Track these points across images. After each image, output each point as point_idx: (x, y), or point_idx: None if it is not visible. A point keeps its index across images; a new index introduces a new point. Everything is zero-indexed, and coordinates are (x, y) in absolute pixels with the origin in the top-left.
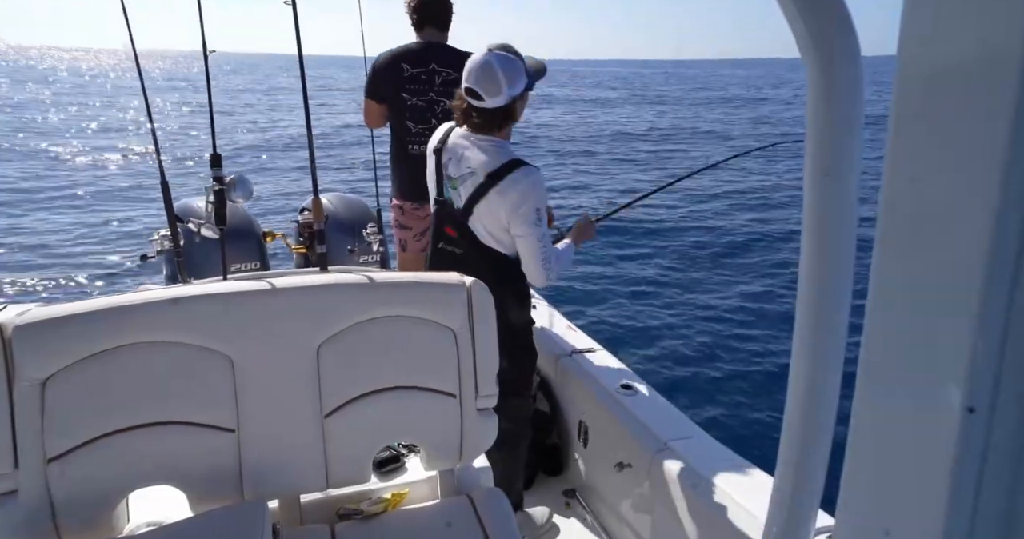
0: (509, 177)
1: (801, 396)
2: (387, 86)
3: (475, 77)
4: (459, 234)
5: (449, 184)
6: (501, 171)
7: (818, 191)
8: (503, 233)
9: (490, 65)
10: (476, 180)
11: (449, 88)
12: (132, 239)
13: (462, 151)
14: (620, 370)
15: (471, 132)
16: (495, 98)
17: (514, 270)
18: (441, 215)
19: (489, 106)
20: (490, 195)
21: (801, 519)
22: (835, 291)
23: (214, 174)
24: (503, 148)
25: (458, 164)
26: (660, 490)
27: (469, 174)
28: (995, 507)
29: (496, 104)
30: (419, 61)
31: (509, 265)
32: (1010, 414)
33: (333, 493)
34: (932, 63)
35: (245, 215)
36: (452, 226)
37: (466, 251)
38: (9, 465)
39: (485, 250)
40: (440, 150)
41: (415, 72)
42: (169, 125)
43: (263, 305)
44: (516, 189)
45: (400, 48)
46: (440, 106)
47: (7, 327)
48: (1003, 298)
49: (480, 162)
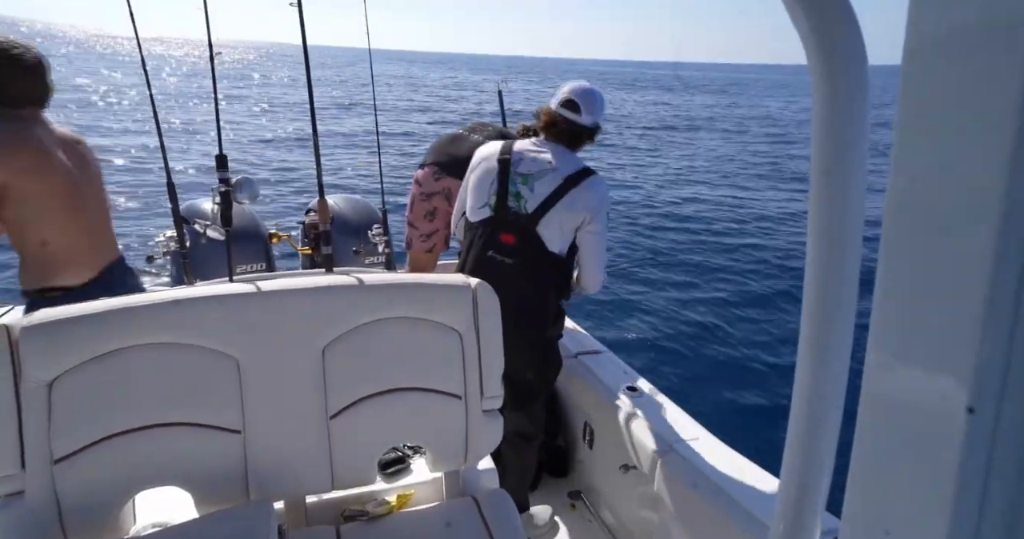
0: (590, 179)
1: (807, 397)
2: None
3: (579, 94)
4: (519, 240)
5: (520, 181)
6: (581, 174)
7: (823, 191)
8: (572, 233)
9: (594, 91)
10: (556, 179)
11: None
12: (139, 240)
13: (535, 154)
14: (625, 372)
15: (547, 141)
16: (589, 116)
17: (563, 278)
18: (497, 222)
19: (582, 122)
20: (572, 192)
21: (807, 521)
22: (840, 293)
23: (220, 176)
24: (577, 159)
25: (533, 162)
26: (665, 492)
27: (549, 170)
28: (1000, 508)
29: (587, 122)
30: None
31: (561, 270)
32: (1015, 415)
33: (338, 494)
34: (937, 63)
35: (251, 216)
36: (512, 232)
37: (520, 260)
38: (16, 466)
39: (543, 256)
40: (507, 159)
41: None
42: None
43: (269, 307)
44: (599, 190)
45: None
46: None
47: (14, 329)
48: (1008, 299)
49: (560, 161)
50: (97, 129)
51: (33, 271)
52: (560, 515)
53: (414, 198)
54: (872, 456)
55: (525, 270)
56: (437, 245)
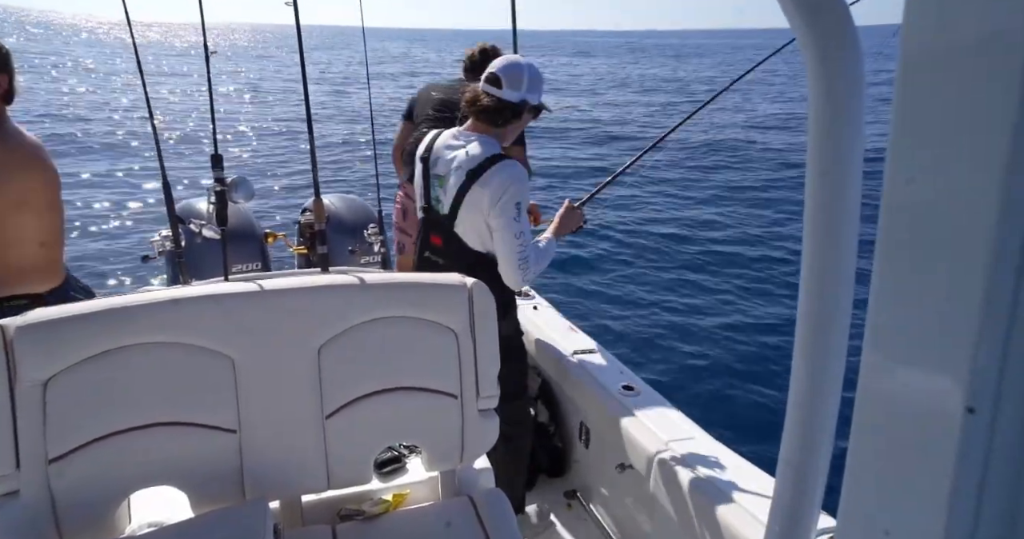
0: (490, 169)
1: (802, 397)
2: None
3: (503, 66)
4: (444, 242)
5: (436, 183)
6: (483, 165)
7: (818, 192)
8: (486, 229)
9: (521, 65)
10: (460, 177)
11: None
12: (134, 239)
13: (449, 151)
14: (621, 371)
15: (468, 129)
16: (513, 92)
17: (498, 275)
18: (428, 223)
19: (504, 97)
20: (473, 189)
21: (802, 520)
22: (837, 292)
23: (215, 175)
24: (490, 145)
25: (445, 163)
26: (661, 491)
27: (454, 171)
28: (997, 507)
29: (511, 98)
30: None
31: (494, 269)
32: (1012, 415)
33: (334, 494)
34: (934, 63)
35: (246, 216)
36: (438, 234)
37: (449, 261)
38: (11, 466)
39: (471, 256)
40: (427, 158)
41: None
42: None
43: (264, 306)
44: (496, 179)
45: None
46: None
47: (9, 328)
48: (1005, 299)
49: (465, 157)
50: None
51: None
52: (556, 514)
53: (405, 207)
54: (868, 456)
55: (457, 269)
56: None
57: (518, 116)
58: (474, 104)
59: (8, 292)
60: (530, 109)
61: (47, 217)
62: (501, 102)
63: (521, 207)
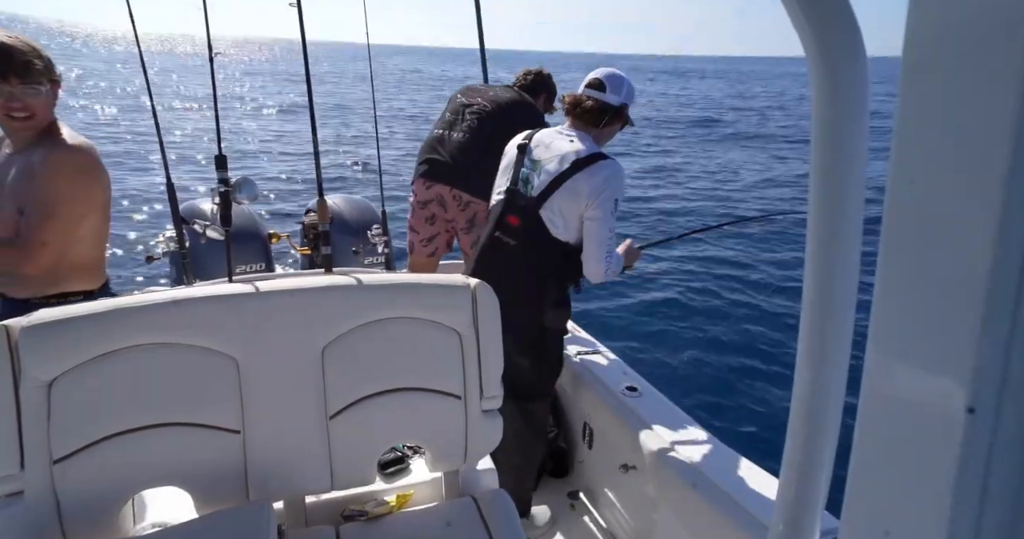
0: (596, 164)
1: (806, 397)
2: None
3: (606, 74)
4: (522, 222)
5: (530, 167)
6: (590, 158)
7: (822, 192)
8: (576, 219)
9: (621, 74)
10: (563, 164)
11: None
12: (138, 240)
13: (551, 141)
14: (625, 372)
15: (570, 127)
16: (615, 95)
17: (567, 267)
18: (507, 204)
19: (607, 100)
20: (576, 176)
21: (806, 521)
22: (840, 293)
23: (219, 176)
24: (593, 145)
25: (547, 148)
26: (664, 492)
27: (557, 157)
28: (1000, 508)
29: (613, 101)
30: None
31: (567, 258)
32: (1014, 415)
33: (338, 494)
34: (937, 66)
35: (250, 216)
36: (517, 215)
37: (521, 242)
38: (15, 466)
39: (546, 240)
40: (525, 145)
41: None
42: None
43: (268, 307)
44: (602, 174)
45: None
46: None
47: (14, 329)
48: (1008, 298)
49: (570, 149)
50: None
51: (54, 277)
52: (560, 515)
53: (413, 206)
54: (872, 456)
55: (526, 252)
56: (438, 249)
57: (619, 118)
58: (577, 106)
59: (66, 288)
60: (624, 114)
61: (101, 217)
62: (604, 104)
63: (618, 205)
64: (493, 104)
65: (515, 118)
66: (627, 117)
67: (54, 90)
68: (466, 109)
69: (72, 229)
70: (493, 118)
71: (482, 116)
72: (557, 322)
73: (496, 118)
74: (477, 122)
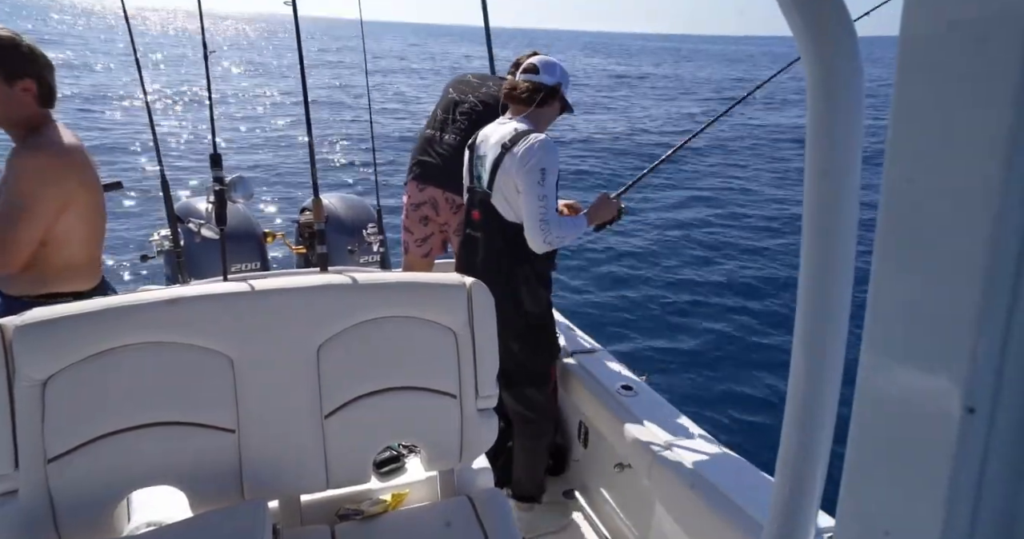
0: (520, 141)
1: (801, 396)
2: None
3: (539, 60)
4: (482, 215)
5: (479, 163)
6: (516, 138)
7: (817, 193)
8: (516, 197)
9: (552, 59)
10: (495, 150)
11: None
12: (132, 239)
13: (491, 132)
14: (620, 371)
15: (508, 115)
16: (549, 76)
17: (527, 247)
18: (470, 202)
19: (541, 80)
20: (505, 158)
21: (801, 520)
22: (835, 293)
23: (214, 174)
24: (524, 124)
25: (486, 141)
26: (660, 490)
27: (493, 145)
28: (995, 508)
29: (547, 81)
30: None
31: (524, 239)
32: (1011, 415)
33: (333, 493)
34: (931, 65)
35: (245, 215)
36: (478, 209)
37: (485, 233)
38: (9, 466)
39: (504, 226)
40: (473, 144)
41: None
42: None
43: (263, 305)
44: (524, 148)
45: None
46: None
47: (8, 327)
48: (1003, 298)
49: (501, 135)
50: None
51: (41, 277)
52: (554, 514)
53: (406, 208)
54: (867, 456)
55: (491, 240)
56: (433, 250)
57: (553, 97)
58: (513, 90)
59: (54, 290)
60: (562, 99)
61: (90, 218)
62: (537, 84)
63: (546, 173)
64: (483, 104)
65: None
66: (564, 100)
67: (20, 89)
68: (456, 109)
69: (43, 229)
70: (484, 119)
71: (471, 117)
72: (534, 304)
73: (487, 119)
74: (467, 123)
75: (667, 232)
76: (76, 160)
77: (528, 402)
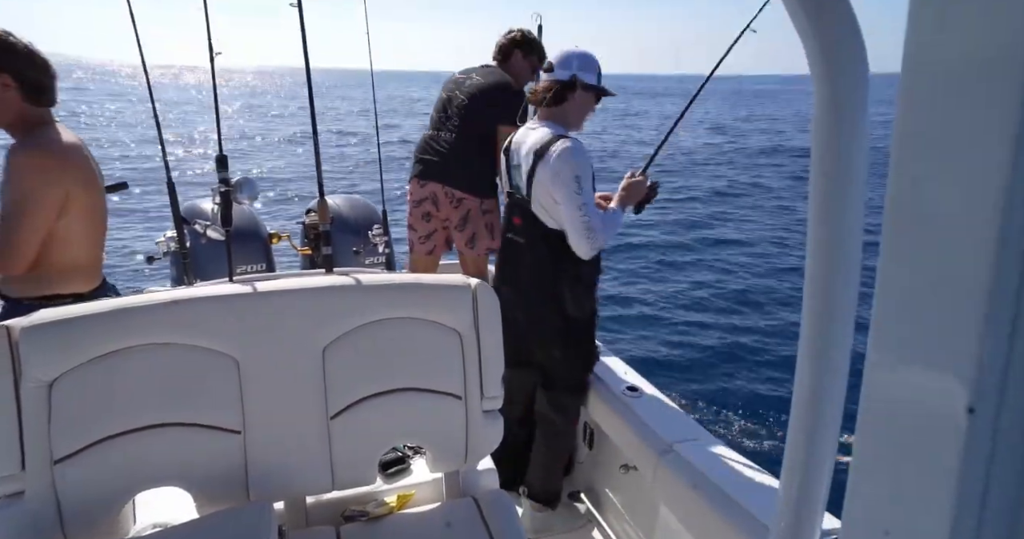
0: (549, 150)
1: (807, 398)
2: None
3: (555, 55)
4: (524, 222)
5: (515, 169)
6: (545, 145)
7: (823, 195)
8: (555, 207)
9: (570, 50)
10: (528, 160)
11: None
12: (139, 240)
13: (523, 139)
14: (625, 372)
15: (536, 119)
16: (564, 70)
17: (572, 253)
18: (510, 206)
19: (556, 76)
20: (538, 169)
21: (807, 522)
22: (841, 295)
23: (220, 176)
24: (552, 128)
25: (518, 151)
26: (665, 492)
27: (525, 154)
28: (1000, 508)
29: (561, 75)
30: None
31: (567, 244)
32: (1015, 415)
33: (339, 495)
34: (937, 63)
35: (251, 217)
36: (519, 215)
37: (528, 239)
38: (16, 466)
39: (547, 233)
40: (507, 149)
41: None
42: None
43: (269, 307)
44: (554, 156)
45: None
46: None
47: (14, 329)
48: (1008, 298)
49: (531, 143)
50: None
51: (40, 278)
52: (569, 515)
53: (409, 206)
54: (872, 456)
55: (535, 247)
56: (437, 246)
57: (571, 90)
58: (536, 95)
59: (54, 291)
60: (586, 87)
61: (89, 218)
62: (551, 82)
63: (581, 180)
64: (470, 97)
65: (494, 104)
66: (592, 87)
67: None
68: (448, 107)
69: (46, 228)
70: (473, 112)
71: (462, 113)
72: (577, 310)
73: (475, 112)
74: (459, 120)
75: (669, 233)
76: (74, 159)
77: (562, 408)
